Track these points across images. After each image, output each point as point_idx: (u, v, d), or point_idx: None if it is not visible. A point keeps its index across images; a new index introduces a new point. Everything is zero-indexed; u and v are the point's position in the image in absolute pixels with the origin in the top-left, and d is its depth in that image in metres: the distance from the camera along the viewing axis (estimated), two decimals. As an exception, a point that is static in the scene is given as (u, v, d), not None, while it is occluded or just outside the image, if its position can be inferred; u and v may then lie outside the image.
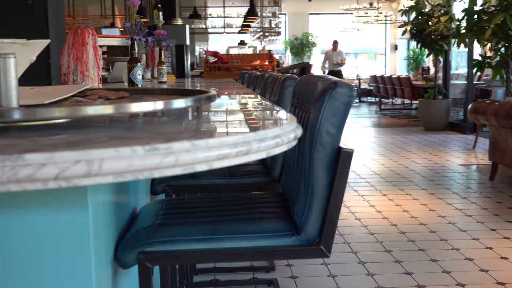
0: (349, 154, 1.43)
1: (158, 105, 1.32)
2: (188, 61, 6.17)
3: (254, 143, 1.00)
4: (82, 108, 1.23)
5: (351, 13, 17.68)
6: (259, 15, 14.36)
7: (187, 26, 6.45)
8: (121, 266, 1.45)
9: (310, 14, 20.00)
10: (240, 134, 0.99)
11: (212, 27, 14.17)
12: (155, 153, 0.87)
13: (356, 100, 17.69)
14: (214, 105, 1.85)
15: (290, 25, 19.65)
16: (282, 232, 1.47)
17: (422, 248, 3.93)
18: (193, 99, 1.38)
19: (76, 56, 2.34)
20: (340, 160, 1.43)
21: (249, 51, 14.84)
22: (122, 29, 11.65)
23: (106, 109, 1.24)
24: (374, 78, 14.91)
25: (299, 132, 1.19)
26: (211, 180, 2.26)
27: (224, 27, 13.96)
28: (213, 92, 1.48)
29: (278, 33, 14.27)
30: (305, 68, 8.45)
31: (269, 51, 12.50)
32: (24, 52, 1.69)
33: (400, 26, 10.41)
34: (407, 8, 9.91)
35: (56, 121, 1.30)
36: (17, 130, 1.13)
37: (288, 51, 18.95)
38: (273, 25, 13.97)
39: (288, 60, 18.71)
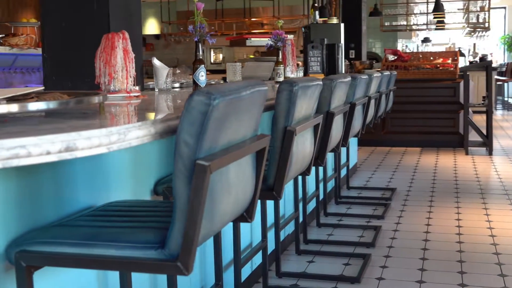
0: (203, 167, 1.33)
1: (12, 108, 1.37)
2: (341, 60, 6.04)
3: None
4: None
5: None
6: (467, 9, 13.47)
7: (342, 25, 6.31)
8: (11, 263, 1.52)
9: (536, 6, 18.18)
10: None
11: (414, 24, 13.62)
12: None
13: None
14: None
15: (510, 19, 18.08)
16: (150, 244, 1.42)
17: None
18: (56, 103, 1.40)
19: (105, 59, 2.47)
20: (195, 173, 1.33)
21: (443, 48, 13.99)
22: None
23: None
24: None
25: (87, 143, 1.14)
26: (209, 185, 2.23)
27: (427, 24, 13.33)
28: (98, 95, 1.49)
29: (486, 29, 13.22)
30: (488, 67, 7.74)
31: (459, 48, 11.66)
32: None
33: None
34: None
35: None
36: None
37: (498, 47, 17.45)
38: (480, 20, 12.99)
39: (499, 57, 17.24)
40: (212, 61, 15.48)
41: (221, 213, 1.53)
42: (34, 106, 1.42)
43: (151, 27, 15.14)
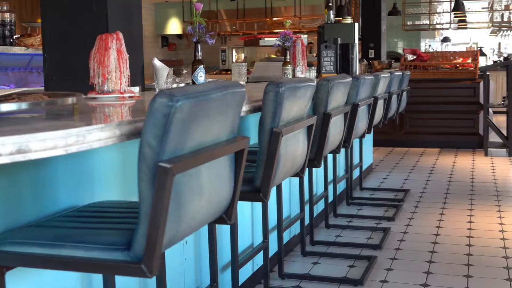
0: (165, 169, 1.32)
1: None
2: (355, 59, 5.99)
3: None
4: None
5: None
6: (492, 8, 13.27)
7: (356, 25, 6.26)
8: (-16, 262, 1.53)
9: None
10: None
11: (437, 23, 13.47)
12: None
13: None
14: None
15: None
16: (117, 245, 1.42)
17: None
18: (27, 104, 1.41)
19: (99, 60, 2.49)
20: (158, 175, 1.33)
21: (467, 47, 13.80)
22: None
23: None
24: None
25: (41, 144, 1.14)
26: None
27: (450, 23, 13.17)
28: (72, 97, 1.49)
29: (511, 28, 13.02)
30: (508, 66, 7.60)
31: (480, 48, 11.48)
32: None
33: None
34: None
35: None
36: None
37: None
38: (505, 19, 12.78)
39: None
40: (234, 60, 15.47)
41: (191, 215, 1.52)
42: (5, 107, 1.42)
43: (174, 27, 15.18)
